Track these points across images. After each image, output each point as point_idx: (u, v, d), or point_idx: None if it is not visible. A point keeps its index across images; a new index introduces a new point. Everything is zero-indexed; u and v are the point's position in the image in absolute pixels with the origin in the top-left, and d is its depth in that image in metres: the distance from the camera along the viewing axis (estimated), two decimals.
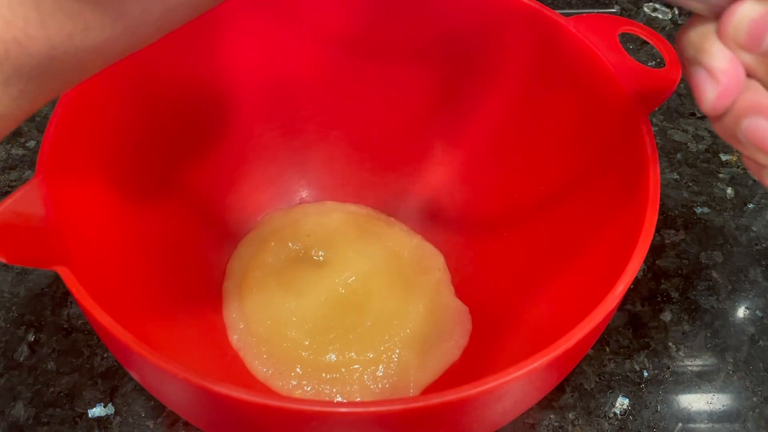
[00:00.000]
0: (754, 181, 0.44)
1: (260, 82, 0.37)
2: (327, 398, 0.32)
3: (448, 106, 0.38)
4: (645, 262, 0.39)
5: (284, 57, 0.37)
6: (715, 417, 0.34)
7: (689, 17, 0.21)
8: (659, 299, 0.39)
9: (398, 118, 0.39)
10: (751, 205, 0.43)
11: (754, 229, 0.42)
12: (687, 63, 0.21)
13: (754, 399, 0.35)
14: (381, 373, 0.33)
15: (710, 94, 0.20)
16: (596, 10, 0.54)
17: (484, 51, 0.35)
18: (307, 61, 0.37)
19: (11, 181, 0.42)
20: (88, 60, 0.17)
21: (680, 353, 0.37)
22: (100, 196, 0.29)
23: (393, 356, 0.33)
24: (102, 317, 0.21)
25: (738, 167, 0.45)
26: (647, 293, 0.39)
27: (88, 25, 0.17)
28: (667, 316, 0.38)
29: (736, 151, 0.46)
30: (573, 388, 0.35)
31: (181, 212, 0.35)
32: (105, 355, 0.35)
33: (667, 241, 0.41)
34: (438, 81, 0.37)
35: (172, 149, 0.35)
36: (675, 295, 0.39)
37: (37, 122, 0.45)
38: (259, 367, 0.33)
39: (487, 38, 0.35)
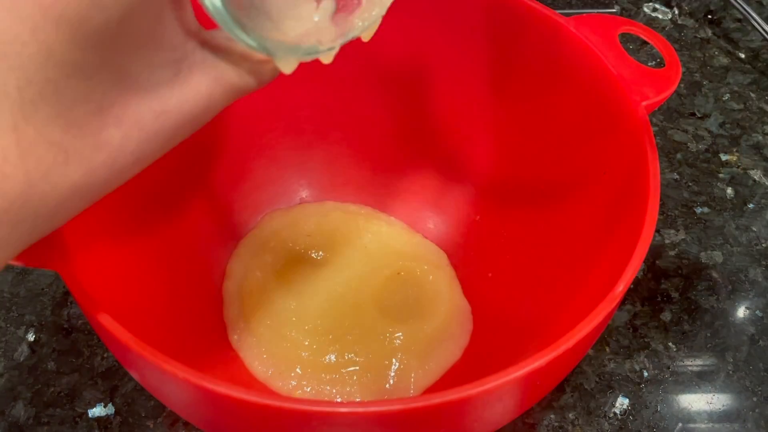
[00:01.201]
0: (755, 180, 0.44)
1: None
2: (327, 398, 0.32)
3: (447, 106, 0.38)
4: (645, 262, 0.39)
5: None
6: (715, 417, 0.34)
7: None
8: (659, 299, 0.39)
9: (398, 117, 0.39)
10: (751, 205, 0.43)
11: (754, 229, 0.42)
12: None
13: (754, 399, 0.35)
14: (381, 374, 0.33)
15: None
16: (596, 10, 0.54)
17: (483, 51, 0.35)
18: (306, 62, 0.37)
19: None
20: (64, 201, 0.16)
21: (680, 353, 0.36)
22: None
23: (393, 357, 0.33)
24: (102, 317, 0.21)
25: (738, 167, 0.45)
26: (647, 293, 0.39)
27: (69, 157, 0.16)
28: (667, 316, 0.38)
29: (737, 151, 0.46)
30: (573, 388, 0.35)
31: (181, 212, 0.35)
32: (105, 355, 0.35)
33: (667, 241, 0.41)
34: (437, 80, 0.37)
35: (172, 149, 0.35)
36: (675, 295, 0.39)
37: None
38: (259, 367, 0.33)
39: (486, 38, 0.35)
